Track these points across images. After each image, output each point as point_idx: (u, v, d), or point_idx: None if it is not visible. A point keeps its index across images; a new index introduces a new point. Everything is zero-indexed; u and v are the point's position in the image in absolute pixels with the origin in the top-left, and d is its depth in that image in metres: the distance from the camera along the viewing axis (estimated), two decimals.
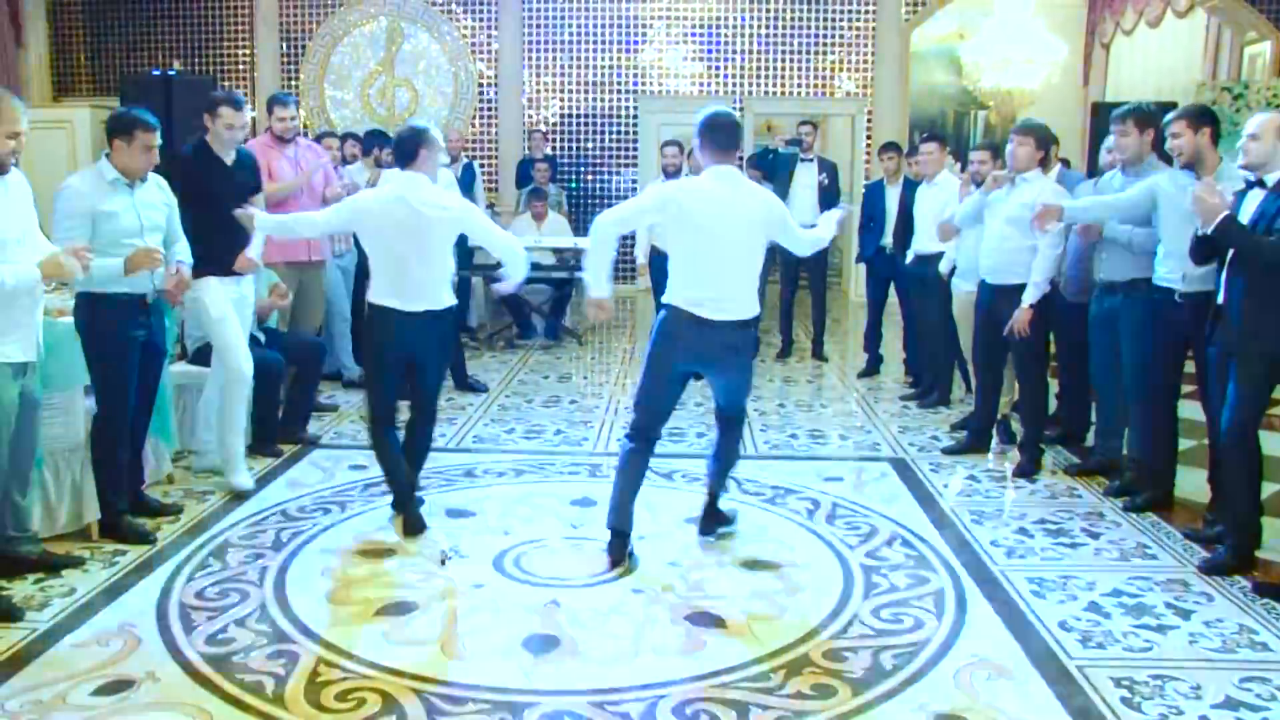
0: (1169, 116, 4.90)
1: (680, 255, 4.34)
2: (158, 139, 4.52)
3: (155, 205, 4.63)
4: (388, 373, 4.75)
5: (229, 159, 5.26)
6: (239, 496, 5.18)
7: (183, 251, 4.84)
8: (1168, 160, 4.98)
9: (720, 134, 4.34)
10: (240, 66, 12.90)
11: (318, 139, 8.09)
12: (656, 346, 4.45)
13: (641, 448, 4.51)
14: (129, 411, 4.63)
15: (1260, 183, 4.32)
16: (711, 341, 4.33)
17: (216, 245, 5.10)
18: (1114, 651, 3.67)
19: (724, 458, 4.73)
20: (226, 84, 12.68)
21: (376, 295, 4.63)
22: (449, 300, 4.73)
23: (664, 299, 4.41)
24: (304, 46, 12.82)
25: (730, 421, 4.69)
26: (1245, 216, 4.30)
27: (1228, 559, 4.38)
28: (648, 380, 4.48)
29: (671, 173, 8.13)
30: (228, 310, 5.16)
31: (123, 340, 4.51)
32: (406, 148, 4.64)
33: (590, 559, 4.47)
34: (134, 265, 4.35)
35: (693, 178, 4.47)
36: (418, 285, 4.58)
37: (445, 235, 4.68)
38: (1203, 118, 4.78)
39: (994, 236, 5.64)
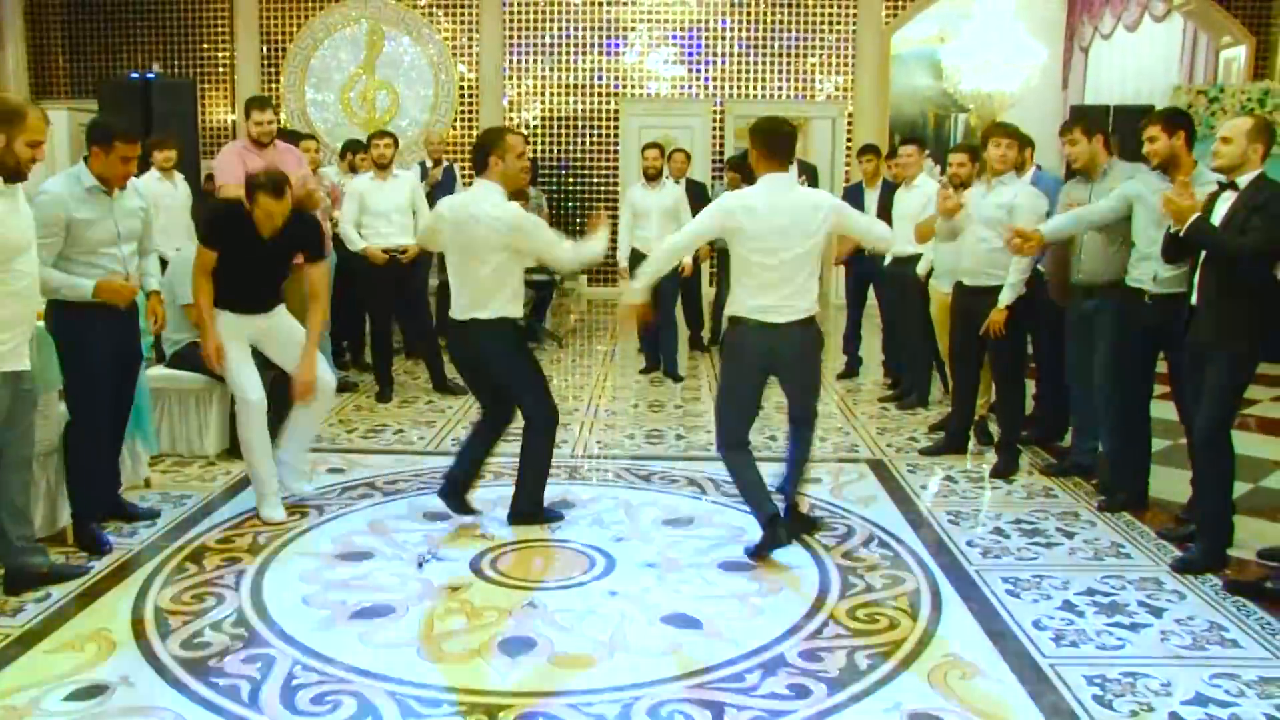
0: (1144, 120, 4.95)
1: (740, 265, 4.40)
2: (137, 150, 4.47)
3: (133, 213, 4.58)
4: (470, 383, 5.04)
5: (267, 231, 4.82)
6: (217, 502, 5.18)
7: (153, 267, 4.84)
8: (1138, 159, 5.03)
9: (773, 141, 4.39)
10: (220, 69, 12.86)
11: (295, 140, 8.06)
12: (731, 361, 4.54)
13: (740, 452, 4.57)
14: (103, 417, 4.59)
15: (1232, 185, 4.36)
16: (781, 343, 4.41)
17: (234, 293, 4.87)
18: (1087, 650, 3.69)
19: (796, 460, 4.74)
20: (206, 87, 12.66)
21: None
22: (500, 310, 4.63)
23: (729, 311, 4.50)
24: (284, 49, 12.80)
25: (799, 423, 4.72)
26: (1217, 218, 4.34)
27: (1200, 557, 4.41)
28: (728, 395, 4.59)
29: (652, 175, 8.17)
30: (231, 339, 4.88)
31: (94, 346, 4.44)
32: (477, 156, 4.64)
33: (567, 561, 4.48)
34: (103, 295, 4.30)
35: (747, 189, 4.51)
36: (469, 294, 4.61)
37: (493, 244, 4.55)
38: (1177, 121, 4.83)
39: (971, 239, 5.67)
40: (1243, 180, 4.32)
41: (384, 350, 7.65)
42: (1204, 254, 4.39)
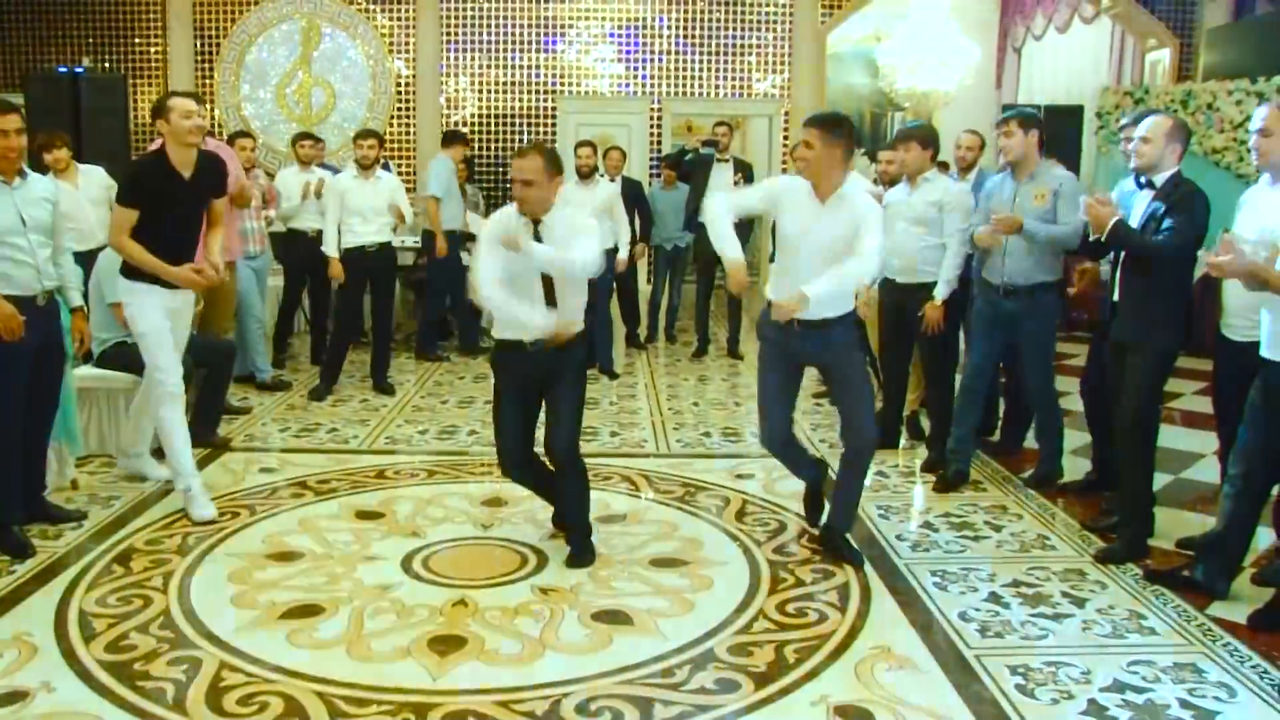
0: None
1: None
2: (11, 120, 4.31)
3: (37, 202, 4.46)
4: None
5: (187, 171, 4.80)
6: (146, 503, 5.11)
7: (74, 279, 4.79)
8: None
9: None
10: (152, 64, 12.64)
11: (230, 140, 7.96)
12: None
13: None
14: (16, 417, 4.47)
15: (1150, 184, 4.46)
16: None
17: (157, 247, 4.73)
18: (1011, 640, 3.76)
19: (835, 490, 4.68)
20: (137, 83, 12.45)
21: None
22: None
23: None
24: (218, 44, 12.61)
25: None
26: (1135, 217, 4.44)
27: (1122, 548, 4.52)
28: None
29: (585, 173, 8.14)
30: (160, 322, 4.81)
31: (10, 346, 4.30)
32: None
33: (499, 558, 4.47)
34: None
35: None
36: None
37: None
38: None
39: (900, 237, 5.72)
40: (1159, 179, 4.42)
41: (342, 348, 7.59)
42: (1124, 253, 4.49)
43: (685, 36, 12.67)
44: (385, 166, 9.52)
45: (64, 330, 4.75)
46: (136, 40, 12.64)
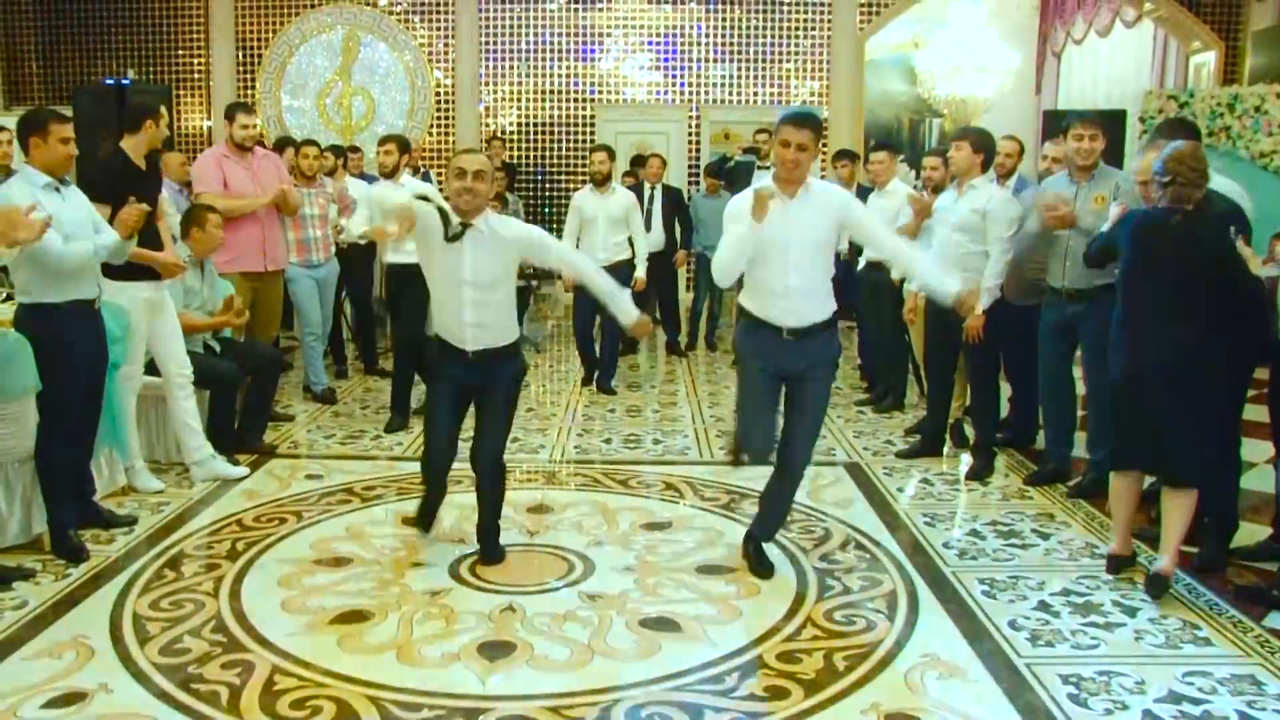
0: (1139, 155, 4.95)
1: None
2: (72, 129, 4.42)
3: (83, 205, 4.55)
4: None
5: (143, 164, 5.23)
6: (195, 508, 5.17)
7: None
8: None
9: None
10: (195, 75, 12.80)
11: (277, 147, 8.00)
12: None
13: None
14: (77, 421, 4.56)
15: None
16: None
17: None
18: (1062, 649, 3.73)
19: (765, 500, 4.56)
20: (181, 93, 12.63)
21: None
22: None
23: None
24: (259, 55, 12.76)
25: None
26: None
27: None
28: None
29: (600, 180, 7.97)
30: (143, 318, 5.26)
31: (73, 349, 4.43)
32: None
33: (546, 565, 4.49)
34: (127, 227, 4.52)
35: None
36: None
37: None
38: (1189, 135, 4.80)
39: (943, 244, 5.71)
40: None
41: (410, 366, 6.89)
42: None
43: (723, 44, 12.68)
44: (426, 176, 9.60)
45: (107, 335, 4.81)
46: (180, 52, 12.80)
